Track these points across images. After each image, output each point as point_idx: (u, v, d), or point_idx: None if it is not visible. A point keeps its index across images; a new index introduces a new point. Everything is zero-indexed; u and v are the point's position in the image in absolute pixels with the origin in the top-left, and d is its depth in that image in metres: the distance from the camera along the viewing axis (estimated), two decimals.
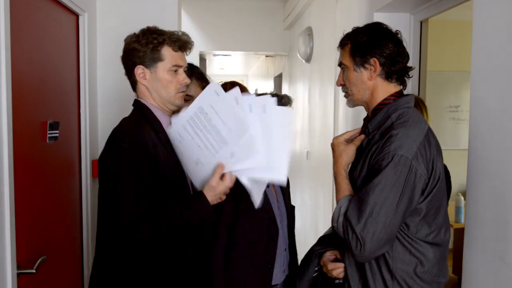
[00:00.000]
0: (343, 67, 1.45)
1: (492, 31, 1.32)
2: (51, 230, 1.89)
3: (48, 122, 1.82)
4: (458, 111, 4.22)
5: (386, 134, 1.27)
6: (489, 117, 1.32)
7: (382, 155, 1.23)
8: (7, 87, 1.42)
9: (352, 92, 1.43)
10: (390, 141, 1.23)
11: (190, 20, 5.00)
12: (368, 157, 1.30)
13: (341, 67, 1.46)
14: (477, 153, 1.36)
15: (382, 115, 1.35)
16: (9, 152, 1.44)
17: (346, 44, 1.44)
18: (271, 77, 6.59)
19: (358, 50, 1.38)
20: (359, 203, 1.23)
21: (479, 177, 1.36)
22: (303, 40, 4.03)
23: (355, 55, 1.39)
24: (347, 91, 1.45)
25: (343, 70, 1.46)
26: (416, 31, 2.34)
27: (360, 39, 1.38)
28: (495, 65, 1.29)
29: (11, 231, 1.45)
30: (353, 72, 1.40)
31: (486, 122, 1.34)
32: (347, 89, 1.45)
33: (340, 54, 1.47)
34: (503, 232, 1.23)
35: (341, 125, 3.11)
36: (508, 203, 1.22)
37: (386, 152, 1.23)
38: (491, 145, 1.30)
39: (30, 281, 1.64)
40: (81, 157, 2.26)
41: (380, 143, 1.27)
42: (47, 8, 1.87)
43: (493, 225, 1.27)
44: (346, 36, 1.45)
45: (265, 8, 5.05)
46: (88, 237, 2.29)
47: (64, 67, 2.07)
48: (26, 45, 1.67)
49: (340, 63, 1.46)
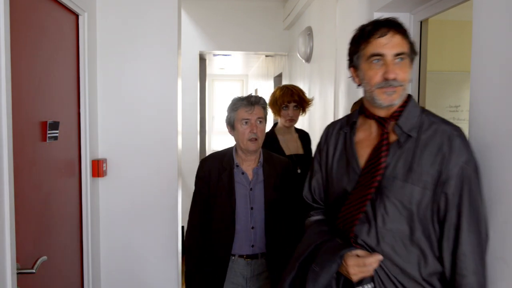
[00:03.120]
0: (403, 57, 1.29)
1: (492, 31, 1.32)
2: (51, 230, 1.89)
3: (48, 122, 1.82)
4: (458, 111, 4.22)
5: (438, 134, 1.27)
6: (489, 117, 1.32)
7: (463, 163, 1.24)
8: (7, 87, 1.41)
9: (405, 87, 1.31)
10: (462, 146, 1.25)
11: (190, 20, 5.00)
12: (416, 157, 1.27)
13: (399, 56, 1.28)
14: (477, 153, 1.36)
15: (412, 113, 1.32)
16: (9, 152, 1.44)
17: (405, 30, 1.31)
18: (271, 77, 6.59)
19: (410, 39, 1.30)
20: (481, 260, 1.23)
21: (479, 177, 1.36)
22: (303, 40, 4.03)
23: (411, 44, 1.30)
24: (401, 84, 1.29)
25: (396, 61, 1.29)
26: (416, 31, 2.34)
27: None
28: (495, 65, 1.29)
29: (11, 231, 1.45)
30: (410, 63, 1.30)
31: (486, 122, 1.34)
32: (403, 82, 1.29)
33: (396, 43, 1.28)
34: (503, 231, 1.23)
35: None
36: (508, 203, 1.21)
37: (468, 159, 1.24)
38: (491, 145, 1.30)
39: (30, 281, 1.64)
40: (81, 157, 2.26)
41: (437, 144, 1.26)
42: (47, 8, 1.87)
43: (493, 225, 1.27)
44: (397, 23, 1.31)
45: (265, 8, 5.06)
46: (88, 237, 2.29)
47: (64, 66, 2.07)
48: (26, 45, 1.67)
49: (400, 52, 1.28)
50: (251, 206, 2.04)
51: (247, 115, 1.99)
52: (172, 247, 2.57)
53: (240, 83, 10.73)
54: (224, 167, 2.06)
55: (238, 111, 2.01)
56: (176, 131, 2.56)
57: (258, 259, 2.06)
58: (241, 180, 2.05)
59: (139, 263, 2.56)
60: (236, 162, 2.06)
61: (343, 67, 3.04)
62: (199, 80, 5.20)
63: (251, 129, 1.99)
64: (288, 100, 2.73)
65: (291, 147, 2.76)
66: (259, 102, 2.03)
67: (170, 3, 2.52)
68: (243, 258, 2.04)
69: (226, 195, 2.02)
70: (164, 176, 2.55)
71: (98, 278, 2.50)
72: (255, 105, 2.01)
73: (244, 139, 2.00)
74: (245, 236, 2.03)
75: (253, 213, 2.03)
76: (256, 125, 2.00)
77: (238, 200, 2.02)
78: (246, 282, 2.05)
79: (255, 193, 2.04)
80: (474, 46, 1.40)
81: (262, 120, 2.03)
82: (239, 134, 2.01)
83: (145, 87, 2.50)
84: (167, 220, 2.57)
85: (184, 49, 4.55)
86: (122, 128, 2.49)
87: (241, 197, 2.03)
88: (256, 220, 2.03)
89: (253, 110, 2.00)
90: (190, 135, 4.91)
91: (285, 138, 2.78)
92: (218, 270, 2.02)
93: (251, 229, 2.03)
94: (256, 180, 2.06)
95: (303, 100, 2.79)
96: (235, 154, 2.09)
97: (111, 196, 2.51)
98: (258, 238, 2.04)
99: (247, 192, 2.04)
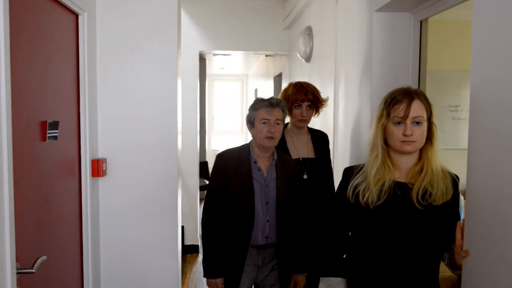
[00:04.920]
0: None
1: (492, 31, 1.31)
2: (51, 229, 1.89)
3: (47, 122, 1.82)
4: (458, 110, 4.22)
5: None
6: (489, 117, 1.32)
7: None
8: (6, 86, 1.41)
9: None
10: None
11: (190, 20, 5.00)
12: None
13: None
14: (477, 153, 1.36)
15: None
16: (9, 152, 1.44)
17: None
18: (271, 76, 6.59)
19: None
20: None
21: (479, 177, 1.36)
22: (303, 39, 4.03)
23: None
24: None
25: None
26: (416, 30, 2.34)
27: None
28: (495, 65, 1.29)
29: (11, 231, 1.45)
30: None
31: (485, 121, 1.34)
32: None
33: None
34: (503, 231, 1.23)
35: (341, 125, 3.11)
36: (507, 202, 1.21)
37: None
38: (490, 145, 1.30)
39: (30, 281, 1.64)
40: (80, 157, 2.26)
41: None
42: (46, 7, 1.87)
43: (493, 224, 1.27)
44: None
45: (265, 8, 5.05)
46: (88, 236, 2.29)
47: (64, 66, 2.07)
48: (26, 45, 1.67)
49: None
50: (267, 201, 2.20)
51: (267, 116, 2.17)
52: (172, 247, 2.57)
53: (240, 83, 10.72)
54: (242, 162, 2.21)
55: (259, 111, 2.19)
56: (176, 131, 2.56)
57: (268, 249, 2.24)
58: (258, 176, 2.21)
59: (139, 263, 2.56)
60: (254, 158, 2.22)
61: (342, 67, 3.04)
62: (199, 80, 5.20)
63: (269, 128, 2.16)
64: (301, 99, 2.50)
65: (299, 150, 2.55)
66: (279, 104, 2.21)
67: (170, 3, 2.52)
68: (255, 249, 2.22)
69: (244, 189, 2.17)
70: (164, 176, 2.55)
71: (98, 278, 2.50)
72: (275, 107, 2.18)
73: (262, 136, 2.17)
74: (260, 229, 2.20)
75: (268, 208, 2.20)
76: (274, 125, 2.17)
77: (256, 195, 2.18)
78: (257, 270, 2.25)
79: (269, 189, 2.21)
80: (474, 46, 1.40)
81: (279, 122, 2.20)
82: (257, 132, 2.19)
83: (145, 87, 2.50)
84: (167, 220, 2.57)
85: (184, 49, 4.55)
86: (122, 128, 2.49)
87: (258, 192, 2.20)
88: (270, 214, 2.21)
89: (273, 111, 2.17)
90: (190, 135, 4.91)
91: (295, 139, 2.58)
92: (235, 261, 2.20)
93: (266, 222, 2.21)
94: (270, 177, 2.22)
95: (318, 99, 2.56)
96: (252, 151, 2.24)
97: (111, 196, 2.51)
98: (271, 230, 2.22)
99: (263, 188, 2.21)
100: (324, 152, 2.60)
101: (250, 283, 2.29)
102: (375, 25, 2.38)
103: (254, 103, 2.25)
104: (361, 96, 2.62)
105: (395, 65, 2.38)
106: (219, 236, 2.21)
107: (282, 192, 2.21)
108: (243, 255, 2.19)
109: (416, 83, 2.36)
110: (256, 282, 2.31)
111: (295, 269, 2.28)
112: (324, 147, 2.62)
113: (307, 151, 2.56)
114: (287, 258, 2.24)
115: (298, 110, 2.52)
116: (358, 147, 2.74)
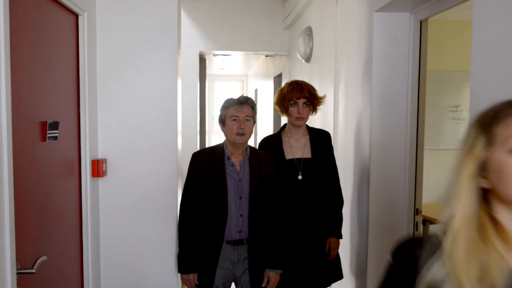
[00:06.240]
0: None
1: (492, 31, 1.32)
2: (51, 230, 1.89)
3: (47, 122, 1.82)
4: (458, 110, 4.22)
5: None
6: None
7: None
8: (6, 86, 1.41)
9: None
10: None
11: (190, 20, 5.00)
12: None
13: None
14: None
15: None
16: (9, 152, 1.44)
17: None
18: (271, 77, 6.59)
19: None
20: None
21: None
22: (303, 40, 4.03)
23: None
24: None
25: None
26: (416, 30, 2.34)
27: None
28: (495, 65, 1.29)
29: (11, 231, 1.45)
30: None
31: None
32: None
33: None
34: None
35: (341, 125, 3.11)
36: None
37: None
38: None
39: (30, 281, 1.64)
40: (80, 157, 2.26)
41: None
42: (46, 7, 1.87)
43: None
44: None
45: (265, 8, 5.06)
46: (88, 237, 2.29)
47: (64, 66, 2.07)
48: (26, 45, 1.67)
49: None
50: (240, 195, 2.27)
51: (236, 113, 2.24)
52: (172, 247, 2.57)
53: (240, 83, 10.73)
54: (216, 159, 2.28)
55: (229, 109, 2.26)
56: (176, 131, 2.56)
57: (243, 245, 2.29)
58: (231, 172, 2.27)
59: (139, 263, 2.56)
60: (228, 154, 2.29)
61: (343, 67, 3.04)
62: (199, 80, 5.20)
63: (239, 125, 2.22)
64: (297, 96, 2.45)
65: (295, 151, 2.51)
66: (248, 102, 2.28)
67: (170, 3, 2.52)
68: (230, 245, 2.28)
69: (218, 186, 2.24)
70: (164, 176, 2.55)
71: (98, 278, 2.50)
72: (244, 104, 2.25)
73: (233, 133, 2.23)
74: (234, 223, 2.27)
75: (241, 202, 2.27)
76: (244, 122, 2.23)
77: (229, 190, 2.25)
78: (233, 266, 2.29)
79: (242, 184, 2.28)
80: (474, 46, 1.40)
81: (249, 119, 2.26)
82: (228, 129, 2.25)
83: (145, 87, 2.50)
84: (167, 220, 2.57)
85: (184, 49, 4.55)
86: (122, 128, 2.49)
87: (232, 187, 2.26)
88: (243, 209, 2.27)
89: (242, 108, 2.24)
90: (190, 135, 4.91)
91: (292, 140, 2.54)
92: (210, 256, 2.25)
93: (239, 216, 2.27)
94: (243, 172, 2.29)
95: (314, 96, 2.50)
96: (225, 148, 2.31)
97: (111, 196, 2.51)
98: (244, 225, 2.28)
99: (236, 183, 2.27)
100: (325, 152, 2.55)
101: (227, 278, 2.30)
102: (375, 25, 2.39)
103: (224, 102, 2.32)
104: (361, 96, 2.62)
105: (395, 65, 2.38)
106: (194, 231, 2.28)
107: (255, 187, 2.26)
108: (217, 250, 2.25)
109: (416, 84, 2.37)
110: (235, 278, 2.34)
111: (267, 265, 2.31)
112: (325, 146, 2.56)
113: (304, 151, 2.52)
114: (259, 252, 2.28)
115: (295, 108, 2.47)
116: (358, 147, 2.74)
